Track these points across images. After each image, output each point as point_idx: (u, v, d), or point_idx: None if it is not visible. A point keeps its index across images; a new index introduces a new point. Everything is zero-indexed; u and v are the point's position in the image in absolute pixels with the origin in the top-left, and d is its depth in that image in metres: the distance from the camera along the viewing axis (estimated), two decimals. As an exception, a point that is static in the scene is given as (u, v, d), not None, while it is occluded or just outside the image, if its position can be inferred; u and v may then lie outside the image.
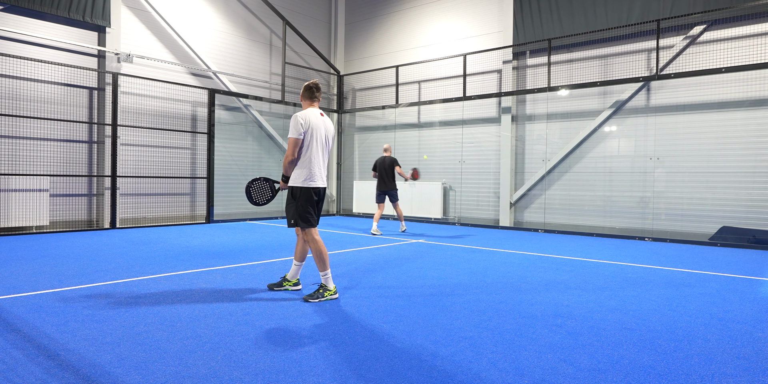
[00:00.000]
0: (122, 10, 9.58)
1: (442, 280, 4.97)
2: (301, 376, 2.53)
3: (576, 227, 9.62)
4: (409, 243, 7.86)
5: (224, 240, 7.81)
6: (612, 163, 9.29)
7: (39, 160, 8.55)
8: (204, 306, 3.85)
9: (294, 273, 4.47)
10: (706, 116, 8.36)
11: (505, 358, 2.83)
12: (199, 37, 10.90)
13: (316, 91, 4.29)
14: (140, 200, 9.82)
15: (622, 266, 5.96)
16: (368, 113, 13.17)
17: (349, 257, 6.36)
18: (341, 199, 13.67)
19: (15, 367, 2.58)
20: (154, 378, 2.48)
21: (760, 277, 5.36)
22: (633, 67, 9.08)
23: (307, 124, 4.08)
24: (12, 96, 8.31)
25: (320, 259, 4.11)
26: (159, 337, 3.10)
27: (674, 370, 2.68)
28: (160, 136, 10.11)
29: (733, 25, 8.17)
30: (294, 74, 12.71)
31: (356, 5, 13.62)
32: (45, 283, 4.54)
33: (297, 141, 4.07)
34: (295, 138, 4.06)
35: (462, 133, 11.32)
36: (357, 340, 3.11)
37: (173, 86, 10.19)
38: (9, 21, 8.31)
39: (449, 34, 11.71)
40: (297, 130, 4.06)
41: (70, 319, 3.43)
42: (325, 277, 4.13)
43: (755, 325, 3.54)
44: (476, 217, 11.05)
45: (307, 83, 4.35)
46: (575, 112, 9.78)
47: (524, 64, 10.51)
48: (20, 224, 8.15)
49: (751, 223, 7.90)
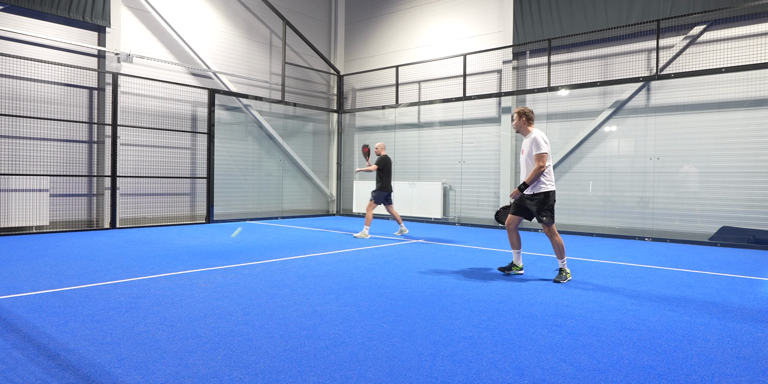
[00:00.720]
0: (122, 10, 9.59)
1: (442, 280, 4.97)
2: (301, 376, 2.53)
3: (576, 227, 9.62)
4: (409, 243, 7.86)
5: (224, 240, 7.81)
6: (612, 163, 9.29)
7: (39, 160, 8.55)
8: (204, 306, 3.85)
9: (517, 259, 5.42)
10: (706, 116, 8.36)
11: (505, 358, 2.83)
12: (199, 37, 10.90)
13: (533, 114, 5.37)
14: (140, 200, 9.82)
15: (622, 266, 5.96)
16: (368, 113, 13.17)
17: (349, 257, 6.36)
18: (341, 199, 13.67)
19: (15, 367, 2.58)
20: (154, 378, 2.48)
21: (760, 277, 5.36)
22: (633, 67, 9.08)
23: (547, 141, 5.15)
24: (12, 96, 8.31)
25: (561, 250, 5.11)
26: (159, 337, 3.10)
27: (674, 370, 2.68)
28: (160, 136, 10.11)
29: (733, 25, 8.17)
30: (294, 74, 12.71)
31: (356, 5, 13.62)
32: (45, 283, 4.54)
33: (546, 155, 5.05)
34: (546, 152, 5.03)
35: (462, 133, 11.32)
36: (357, 340, 3.11)
37: (173, 86, 10.19)
38: (9, 21, 8.31)
39: (449, 34, 11.71)
40: (545, 146, 5.04)
41: (70, 319, 3.43)
42: (563, 263, 5.14)
43: (755, 325, 3.54)
44: (476, 217, 11.05)
45: (528, 109, 5.30)
46: (575, 112, 9.78)
47: (524, 64, 10.51)
48: (20, 224, 8.15)
49: (751, 223, 7.90)
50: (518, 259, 5.38)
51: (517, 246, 5.38)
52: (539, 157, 5.00)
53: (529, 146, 5.14)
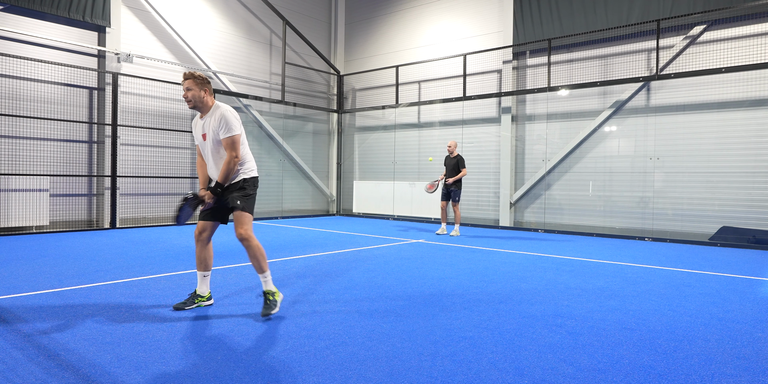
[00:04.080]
0: (122, 10, 9.58)
1: (442, 280, 4.97)
2: (301, 376, 2.53)
3: (576, 227, 9.62)
4: (409, 243, 7.86)
5: (224, 240, 7.80)
6: (612, 163, 9.29)
7: (39, 160, 8.55)
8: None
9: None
10: (706, 116, 8.36)
11: (505, 358, 2.83)
12: (199, 37, 10.90)
13: None
14: (140, 200, 9.82)
15: (622, 266, 5.96)
16: (368, 113, 13.17)
17: (349, 257, 6.36)
18: (341, 199, 13.67)
19: (15, 367, 2.58)
20: (154, 378, 2.48)
21: (760, 277, 5.36)
22: (633, 67, 9.08)
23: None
24: (12, 96, 8.31)
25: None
26: (159, 337, 3.10)
27: (674, 370, 2.68)
28: (160, 136, 10.11)
29: (733, 25, 8.17)
30: (294, 74, 12.71)
31: (356, 5, 13.61)
32: (45, 283, 4.53)
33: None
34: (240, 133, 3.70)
35: (462, 133, 11.31)
36: (357, 340, 3.11)
37: (173, 86, 10.19)
38: (9, 21, 8.30)
39: (449, 34, 11.71)
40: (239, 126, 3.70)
41: (70, 319, 3.43)
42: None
43: (755, 325, 3.54)
44: (476, 217, 11.05)
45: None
46: (575, 112, 9.78)
47: (524, 64, 10.51)
48: (20, 224, 8.15)
49: (751, 223, 7.90)
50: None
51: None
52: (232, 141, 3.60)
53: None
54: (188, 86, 3.62)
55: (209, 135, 3.65)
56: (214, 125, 3.61)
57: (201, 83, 3.64)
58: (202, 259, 3.81)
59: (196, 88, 3.62)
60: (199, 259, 3.81)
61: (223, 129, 3.56)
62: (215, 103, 3.72)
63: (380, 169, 12.85)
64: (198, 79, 3.64)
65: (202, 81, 3.66)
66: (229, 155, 3.57)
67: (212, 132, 3.62)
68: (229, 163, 3.57)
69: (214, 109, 3.68)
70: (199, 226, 3.77)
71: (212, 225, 3.78)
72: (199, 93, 3.63)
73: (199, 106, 3.67)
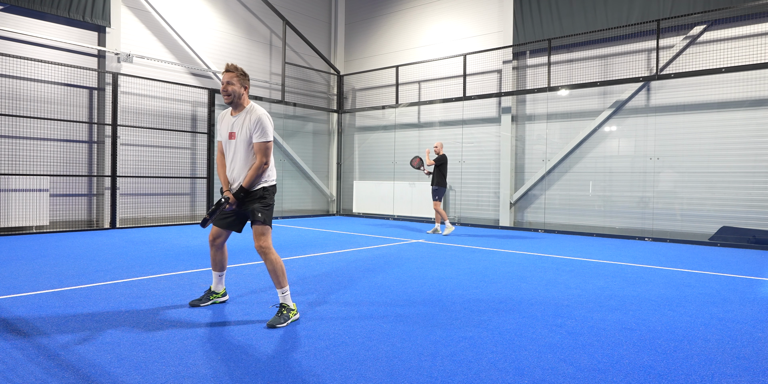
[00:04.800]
0: (122, 10, 9.58)
1: (442, 280, 4.97)
2: (301, 376, 2.53)
3: (576, 227, 9.62)
4: (409, 243, 7.86)
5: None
6: (612, 163, 9.29)
7: (39, 160, 8.55)
8: (204, 306, 3.85)
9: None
10: (706, 116, 8.36)
11: (505, 358, 2.83)
12: (199, 37, 10.90)
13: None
14: (140, 200, 9.82)
15: (622, 266, 5.96)
16: (368, 113, 13.17)
17: (349, 257, 6.36)
18: (341, 199, 13.67)
19: (15, 367, 2.58)
20: (154, 378, 2.48)
21: (760, 277, 5.36)
22: (633, 67, 9.08)
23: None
24: (12, 96, 8.31)
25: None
26: (159, 337, 3.10)
27: (674, 370, 2.68)
28: (160, 136, 10.11)
29: (733, 25, 8.17)
30: (294, 74, 12.71)
31: (356, 5, 13.61)
32: (45, 283, 4.53)
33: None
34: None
35: (462, 133, 11.32)
36: (357, 340, 3.11)
37: (173, 86, 10.19)
38: (9, 21, 8.31)
39: (449, 34, 11.71)
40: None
41: (70, 319, 3.43)
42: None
43: (755, 325, 3.54)
44: (476, 217, 11.05)
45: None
46: (575, 112, 9.78)
47: (524, 64, 10.51)
48: (20, 224, 8.15)
49: (751, 223, 7.90)
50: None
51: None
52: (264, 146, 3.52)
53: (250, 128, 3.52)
54: (230, 80, 3.49)
55: (240, 134, 3.51)
56: (249, 126, 3.48)
57: (243, 79, 3.56)
58: (217, 261, 3.86)
59: (237, 83, 3.51)
60: (213, 261, 3.86)
61: (258, 132, 3.47)
62: (250, 103, 3.62)
63: (380, 169, 12.85)
64: (242, 75, 3.54)
65: (245, 77, 3.57)
66: (260, 161, 3.48)
67: (245, 132, 3.49)
68: (258, 168, 3.48)
69: (249, 108, 3.56)
70: (214, 232, 3.75)
71: (227, 232, 3.77)
72: (240, 89, 3.53)
73: (237, 102, 3.55)
